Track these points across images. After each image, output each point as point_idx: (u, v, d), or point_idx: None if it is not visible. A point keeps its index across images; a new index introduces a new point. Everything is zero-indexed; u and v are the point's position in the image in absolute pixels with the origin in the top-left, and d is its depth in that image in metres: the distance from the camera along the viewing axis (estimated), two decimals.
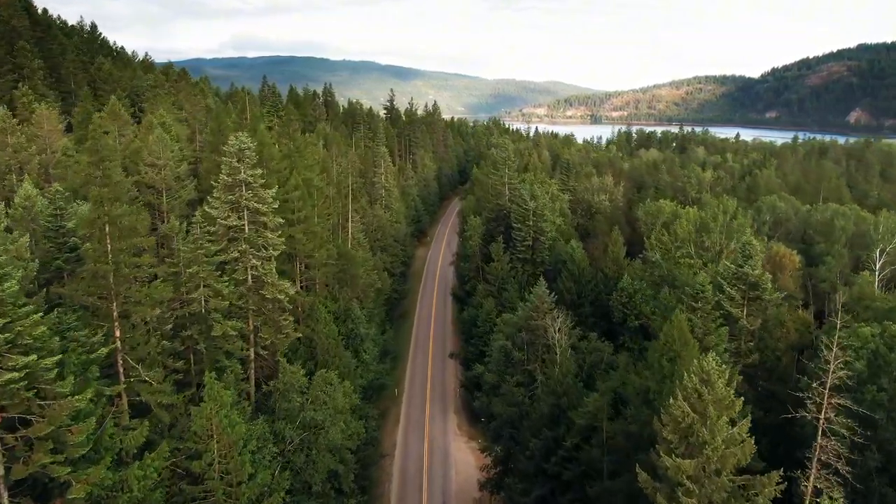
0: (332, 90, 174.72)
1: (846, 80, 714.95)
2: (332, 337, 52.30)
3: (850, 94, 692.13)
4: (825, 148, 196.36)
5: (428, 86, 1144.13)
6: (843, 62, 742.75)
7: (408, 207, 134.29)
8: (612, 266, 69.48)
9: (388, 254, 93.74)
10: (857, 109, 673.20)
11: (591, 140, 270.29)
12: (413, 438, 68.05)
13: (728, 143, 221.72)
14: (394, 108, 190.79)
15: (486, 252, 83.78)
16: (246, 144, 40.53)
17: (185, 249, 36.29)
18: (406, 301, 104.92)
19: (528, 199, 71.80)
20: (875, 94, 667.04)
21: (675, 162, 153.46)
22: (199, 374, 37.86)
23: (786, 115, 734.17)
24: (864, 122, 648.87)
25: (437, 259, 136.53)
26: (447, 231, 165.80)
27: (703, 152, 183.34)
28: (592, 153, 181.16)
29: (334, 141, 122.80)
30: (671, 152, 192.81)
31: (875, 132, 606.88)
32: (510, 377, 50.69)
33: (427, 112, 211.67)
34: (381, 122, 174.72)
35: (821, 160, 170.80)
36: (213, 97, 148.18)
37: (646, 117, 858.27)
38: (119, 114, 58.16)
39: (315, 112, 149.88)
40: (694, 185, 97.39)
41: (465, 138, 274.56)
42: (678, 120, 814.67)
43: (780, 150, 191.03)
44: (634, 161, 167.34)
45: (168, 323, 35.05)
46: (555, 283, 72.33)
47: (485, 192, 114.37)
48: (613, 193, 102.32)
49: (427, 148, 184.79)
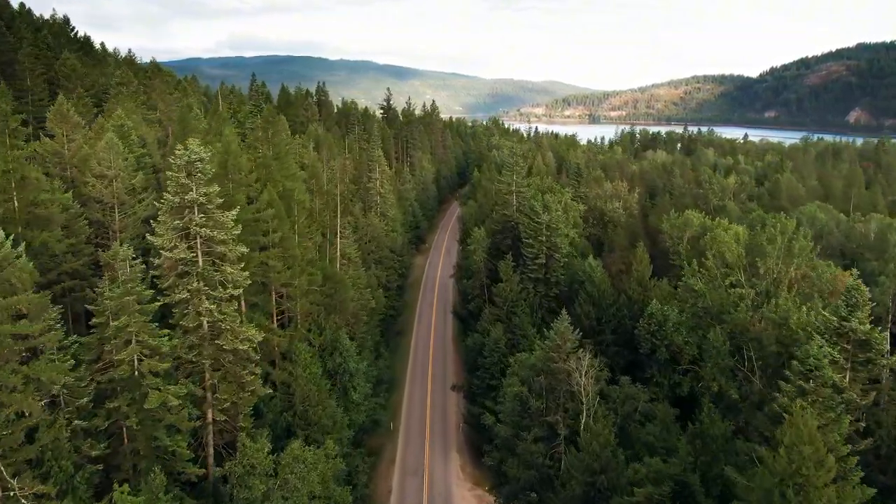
0: (326, 89, 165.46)
1: (845, 80, 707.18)
2: (314, 381, 43.48)
3: (850, 94, 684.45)
4: (838, 149, 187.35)
5: (426, 85, 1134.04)
6: (843, 62, 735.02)
7: (405, 213, 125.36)
8: (636, 288, 60.69)
9: (384, 267, 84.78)
10: (857, 109, 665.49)
11: (593, 141, 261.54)
12: (410, 483, 59.04)
13: (737, 144, 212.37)
14: (391, 108, 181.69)
15: (492, 267, 74.77)
16: (198, 155, 31.54)
17: (112, 295, 27.33)
18: (403, 318, 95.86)
19: (539, 211, 62.83)
20: (875, 93, 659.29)
21: (686, 165, 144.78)
22: (133, 455, 28.87)
23: (785, 114, 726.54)
24: (863, 122, 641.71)
25: (437, 268, 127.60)
26: (447, 237, 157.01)
27: (712, 154, 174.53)
28: (599, 155, 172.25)
29: (326, 143, 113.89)
30: (679, 154, 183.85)
31: (875, 132, 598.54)
32: (527, 432, 41.84)
33: (425, 112, 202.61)
34: (378, 123, 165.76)
35: (836, 162, 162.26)
36: (202, 96, 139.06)
37: (644, 117, 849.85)
38: (67, 115, 49.02)
39: (307, 112, 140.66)
40: (717, 192, 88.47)
41: (464, 139, 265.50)
42: (677, 120, 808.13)
43: (790, 152, 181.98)
44: (643, 164, 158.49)
45: (84, 394, 26.10)
46: (571, 306, 63.53)
47: (488, 199, 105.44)
48: (627, 200, 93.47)
49: (425, 149, 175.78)
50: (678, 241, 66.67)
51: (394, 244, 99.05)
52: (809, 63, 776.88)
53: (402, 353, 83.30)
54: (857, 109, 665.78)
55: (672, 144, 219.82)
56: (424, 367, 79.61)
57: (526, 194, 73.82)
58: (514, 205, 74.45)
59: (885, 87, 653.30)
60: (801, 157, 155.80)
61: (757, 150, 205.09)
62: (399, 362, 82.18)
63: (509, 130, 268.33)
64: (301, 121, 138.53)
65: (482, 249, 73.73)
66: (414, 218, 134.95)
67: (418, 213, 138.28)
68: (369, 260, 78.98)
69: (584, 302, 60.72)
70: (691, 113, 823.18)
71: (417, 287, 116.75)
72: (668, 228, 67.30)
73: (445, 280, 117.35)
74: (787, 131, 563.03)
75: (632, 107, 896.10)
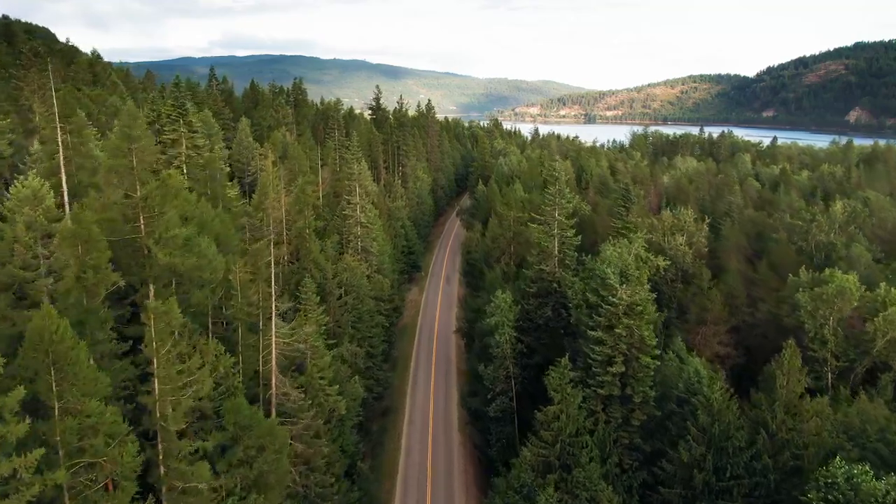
0: (304, 86, 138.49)
1: (844, 79, 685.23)
2: None
3: (849, 93, 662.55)
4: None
5: (419, 85, 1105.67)
6: (841, 61, 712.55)
7: (395, 240, 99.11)
8: (782, 417, 35.07)
9: (363, 339, 58.49)
10: (857, 108, 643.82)
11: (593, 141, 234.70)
12: None
13: (779, 148, 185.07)
14: (380, 109, 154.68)
15: (523, 351, 48.74)
16: None
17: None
18: (390, 398, 69.54)
19: (614, 282, 36.74)
20: (875, 92, 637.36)
21: (732, 176, 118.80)
22: None
23: (783, 114, 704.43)
24: (864, 122, 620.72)
25: (436, 306, 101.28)
26: (446, 258, 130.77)
27: (749, 160, 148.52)
28: (619, 163, 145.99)
29: (294, 155, 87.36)
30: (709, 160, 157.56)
31: (877, 131, 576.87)
32: None
33: (420, 112, 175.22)
34: (365, 125, 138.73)
35: None
36: (141, 94, 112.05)
37: (640, 116, 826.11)
38: None
39: (278, 113, 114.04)
40: (823, 227, 62.51)
41: (462, 141, 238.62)
42: (673, 119, 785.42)
43: (870, 158, 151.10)
44: (675, 175, 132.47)
45: None
46: (664, 441, 37.65)
47: (504, 230, 79.24)
48: (695, 236, 67.39)
49: (420, 156, 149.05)
50: (822, 323, 40.88)
51: (380, 290, 72.86)
52: (807, 62, 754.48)
53: (388, 470, 56.15)
54: (857, 109, 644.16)
55: (688, 147, 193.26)
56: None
57: (573, 242, 47.69)
58: (557, 256, 48.32)
59: (885, 86, 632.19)
60: (882, 168, 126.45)
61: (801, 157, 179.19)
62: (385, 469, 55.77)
63: (513, 132, 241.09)
64: (269, 124, 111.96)
65: (508, 324, 47.48)
66: (407, 242, 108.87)
67: (412, 235, 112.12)
68: (342, 335, 52.59)
69: (693, 443, 34.96)
70: (688, 112, 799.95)
71: (411, 335, 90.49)
72: (806, 301, 41.53)
73: (447, 326, 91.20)
74: (787, 131, 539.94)
75: (628, 106, 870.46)
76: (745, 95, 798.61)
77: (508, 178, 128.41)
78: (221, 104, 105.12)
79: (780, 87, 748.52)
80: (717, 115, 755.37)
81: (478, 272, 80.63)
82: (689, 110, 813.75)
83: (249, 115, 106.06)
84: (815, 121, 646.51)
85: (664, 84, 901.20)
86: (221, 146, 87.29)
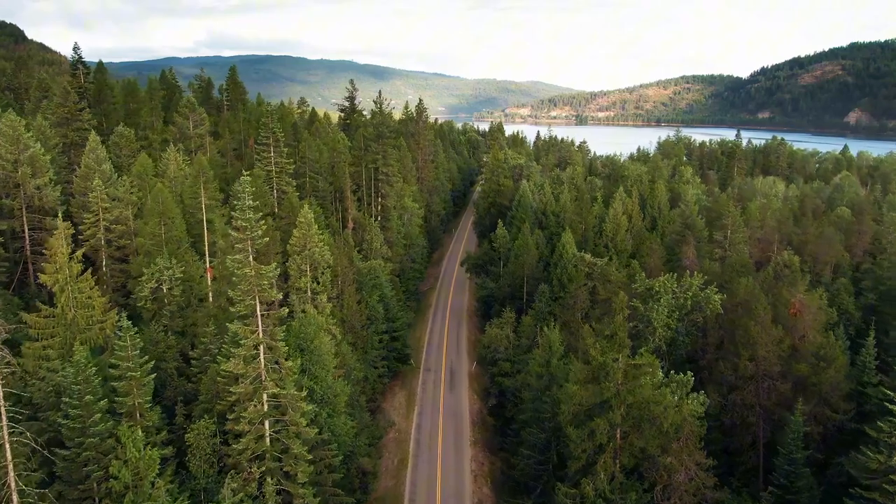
0: (245, 86, 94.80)
1: (841, 80, 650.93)
2: None
3: (847, 94, 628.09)
4: None
5: (407, 85, 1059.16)
6: (837, 61, 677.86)
7: (366, 336, 56.81)
8: None
9: None
10: (857, 109, 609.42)
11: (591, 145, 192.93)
12: None
13: (867, 158, 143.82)
14: (354, 111, 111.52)
15: None
16: None
17: None
18: None
19: None
20: (874, 93, 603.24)
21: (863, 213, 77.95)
22: None
23: (780, 115, 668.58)
24: (864, 123, 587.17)
25: (436, 444, 58.25)
26: (446, 330, 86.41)
27: (853, 182, 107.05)
28: (678, 185, 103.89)
29: (157, 206, 44.32)
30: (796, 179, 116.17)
31: (877, 133, 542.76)
32: None
33: (408, 115, 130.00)
34: (332, 136, 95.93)
35: None
36: None
37: (633, 118, 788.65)
38: None
39: (187, 121, 70.98)
40: None
41: (457, 148, 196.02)
42: (666, 120, 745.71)
43: None
44: (763, 203, 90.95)
45: None
46: None
47: (598, 372, 37.14)
48: None
49: (409, 175, 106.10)
50: None
51: (341, 435, 30.69)
52: (803, 62, 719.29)
53: None
54: (857, 110, 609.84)
55: (747, 160, 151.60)
56: None
57: None
58: None
59: (884, 87, 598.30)
60: None
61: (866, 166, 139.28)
62: None
63: (518, 138, 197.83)
64: (174, 138, 68.78)
65: None
66: (389, 322, 66.62)
67: (394, 309, 69.45)
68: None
69: None
70: (681, 114, 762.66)
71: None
72: None
73: None
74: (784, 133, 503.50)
75: (620, 107, 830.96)
76: (739, 96, 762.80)
77: (536, 212, 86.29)
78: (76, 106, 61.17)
79: (776, 89, 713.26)
80: (711, 117, 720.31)
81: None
82: (682, 112, 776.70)
83: (127, 123, 62.76)
84: (814, 122, 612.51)
85: (657, 85, 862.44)
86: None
